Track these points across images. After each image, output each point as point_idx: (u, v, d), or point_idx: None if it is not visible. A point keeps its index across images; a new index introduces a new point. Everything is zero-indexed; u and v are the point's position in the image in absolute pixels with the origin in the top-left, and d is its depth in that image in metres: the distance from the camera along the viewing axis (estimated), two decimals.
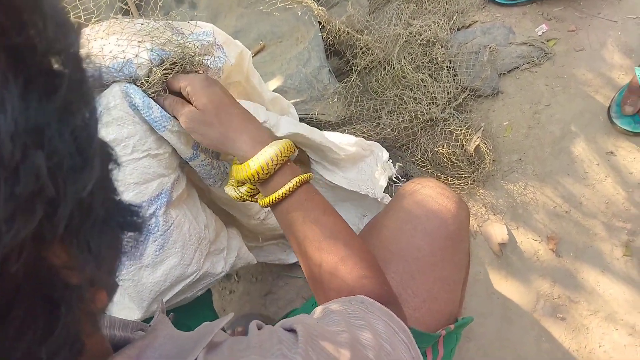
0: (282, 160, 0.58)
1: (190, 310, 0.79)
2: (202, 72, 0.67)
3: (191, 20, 0.71)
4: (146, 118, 0.62)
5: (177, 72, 0.63)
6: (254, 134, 0.59)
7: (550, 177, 1.25)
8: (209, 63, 0.67)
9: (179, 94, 0.63)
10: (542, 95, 1.30)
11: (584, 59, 1.30)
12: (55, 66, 0.23)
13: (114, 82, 0.62)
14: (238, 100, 0.67)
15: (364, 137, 1.23)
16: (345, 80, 1.26)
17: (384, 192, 1.03)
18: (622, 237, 1.20)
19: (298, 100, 1.22)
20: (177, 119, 0.62)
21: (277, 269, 1.31)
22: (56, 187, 0.21)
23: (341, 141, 0.97)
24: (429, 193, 0.76)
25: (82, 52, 0.24)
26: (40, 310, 0.23)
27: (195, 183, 0.81)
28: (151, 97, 0.63)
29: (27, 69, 0.21)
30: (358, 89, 1.28)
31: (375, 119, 1.27)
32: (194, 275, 0.70)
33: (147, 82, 0.62)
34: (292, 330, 0.41)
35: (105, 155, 0.26)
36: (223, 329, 0.46)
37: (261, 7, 1.07)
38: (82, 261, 0.25)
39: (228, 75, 0.75)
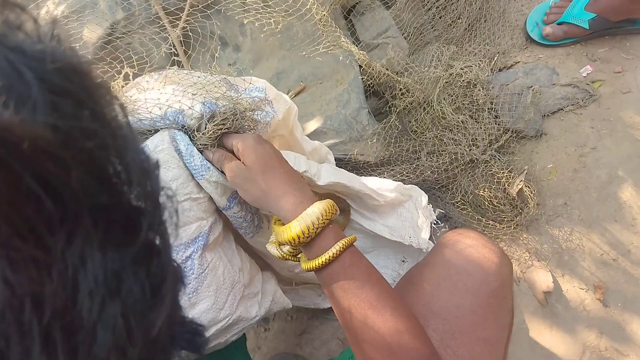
0: (325, 222, 0.56)
1: (222, 355, 0.78)
2: (251, 125, 0.68)
3: (236, 67, 0.72)
4: (187, 164, 0.64)
5: (229, 127, 0.64)
6: (297, 195, 0.59)
7: (597, 223, 1.21)
8: (258, 118, 0.69)
9: (229, 150, 0.64)
10: (588, 138, 1.26)
11: (631, 102, 1.26)
12: (135, 204, 0.22)
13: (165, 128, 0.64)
14: (281, 151, 0.68)
15: (403, 179, 1.22)
16: (384, 121, 1.26)
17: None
18: None
19: (337, 141, 1.23)
20: (223, 172, 0.64)
21: (314, 308, 1.30)
22: (128, 332, 0.21)
23: (380, 186, 0.97)
24: (471, 246, 0.74)
25: (161, 186, 0.24)
26: None
27: (233, 226, 0.82)
28: (200, 149, 0.64)
29: (107, 220, 0.21)
30: (397, 129, 1.28)
31: (415, 160, 1.26)
32: (227, 319, 0.70)
33: (199, 133, 0.64)
34: None
35: (175, 282, 0.26)
36: None
37: (304, 53, 1.08)
38: None
39: (274, 129, 0.76)
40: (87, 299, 0.19)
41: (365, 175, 1.27)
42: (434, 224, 1.10)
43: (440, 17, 1.30)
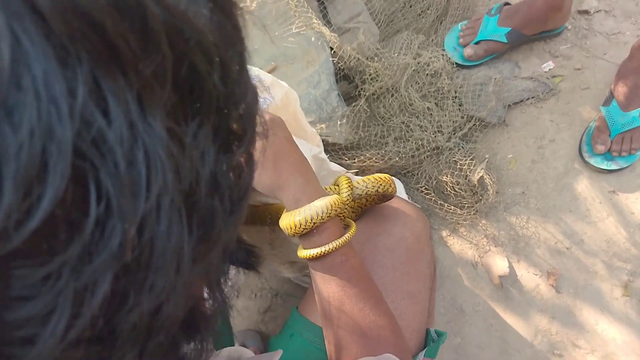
0: (323, 220, 0.55)
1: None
2: None
3: None
4: None
5: None
6: (300, 187, 0.57)
7: (552, 212, 1.26)
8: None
9: None
10: (547, 131, 1.31)
11: (589, 98, 1.32)
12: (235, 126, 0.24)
13: None
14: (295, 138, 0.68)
15: (372, 165, 1.24)
16: (353, 104, 1.28)
17: None
18: (622, 277, 1.20)
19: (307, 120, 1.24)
20: None
21: (277, 287, 1.31)
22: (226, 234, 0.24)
23: None
24: (385, 209, 0.76)
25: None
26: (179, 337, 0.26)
27: None
28: None
29: (223, 126, 0.23)
30: (366, 114, 1.30)
31: (383, 145, 1.29)
32: None
33: None
34: None
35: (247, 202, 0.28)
36: None
37: (276, 33, 1.10)
38: (214, 295, 0.27)
39: None
40: (203, 187, 0.21)
41: (336, 160, 1.29)
42: None
43: (410, 6, 1.34)
